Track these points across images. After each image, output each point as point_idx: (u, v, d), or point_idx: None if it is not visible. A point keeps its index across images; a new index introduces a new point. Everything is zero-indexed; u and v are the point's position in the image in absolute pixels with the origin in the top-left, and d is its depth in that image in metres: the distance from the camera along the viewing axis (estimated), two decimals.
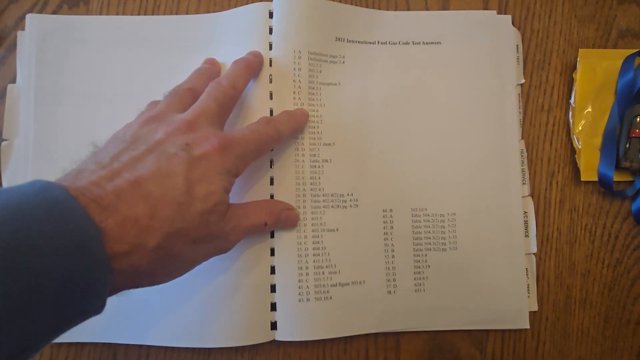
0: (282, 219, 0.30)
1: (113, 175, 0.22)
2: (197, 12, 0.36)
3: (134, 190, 0.21)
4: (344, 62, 0.34)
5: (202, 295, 0.31)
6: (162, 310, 0.31)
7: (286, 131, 0.30)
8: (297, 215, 0.31)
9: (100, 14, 0.35)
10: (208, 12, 0.35)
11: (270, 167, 0.32)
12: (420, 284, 0.33)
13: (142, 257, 0.21)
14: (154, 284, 0.23)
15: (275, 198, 0.32)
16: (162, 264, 0.22)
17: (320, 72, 0.33)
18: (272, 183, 0.32)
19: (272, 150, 0.32)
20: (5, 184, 0.33)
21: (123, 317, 0.31)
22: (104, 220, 0.20)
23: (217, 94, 0.28)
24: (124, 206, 0.21)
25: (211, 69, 0.32)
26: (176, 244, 0.23)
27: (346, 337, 0.33)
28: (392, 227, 0.33)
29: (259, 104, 0.32)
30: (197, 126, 0.26)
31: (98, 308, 0.20)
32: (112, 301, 0.31)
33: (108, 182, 0.21)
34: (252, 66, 0.31)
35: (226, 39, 0.34)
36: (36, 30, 0.34)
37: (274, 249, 0.31)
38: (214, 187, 0.24)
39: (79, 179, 0.21)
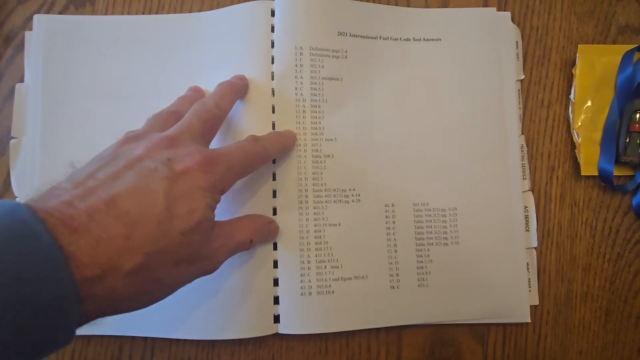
0: (264, 233, 0.30)
1: (87, 194, 0.20)
2: (200, 10, 0.36)
3: (108, 209, 0.20)
4: (346, 56, 0.34)
5: (206, 288, 0.31)
6: (166, 303, 0.31)
7: (274, 150, 0.30)
8: (278, 226, 0.31)
9: (106, 14, 0.36)
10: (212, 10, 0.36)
11: (273, 162, 0.32)
12: (424, 279, 0.33)
13: (117, 280, 0.20)
14: (134, 309, 0.22)
15: (277, 193, 0.32)
16: (140, 287, 0.21)
17: (323, 67, 0.33)
18: (274, 179, 0.32)
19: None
20: (13, 181, 0.34)
21: None
22: (73, 243, 0.18)
23: (200, 113, 0.27)
24: (96, 227, 0.19)
25: (195, 96, 0.32)
26: (156, 266, 0.21)
27: (348, 331, 0.33)
28: (394, 222, 0.33)
29: (262, 101, 0.33)
30: (179, 142, 0.25)
31: (67, 339, 0.19)
32: None
33: (81, 201, 0.20)
34: (237, 88, 0.31)
35: (229, 36, 0.34)
36: (43, 31, 0.35)
37: (276, 243, 0.32)
38: (196, 205, 0.23)
39: (50, 199, 0.20)
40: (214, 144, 0.30)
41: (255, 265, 0.31)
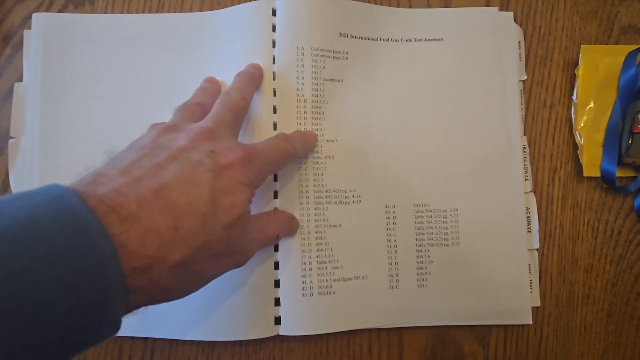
0: (288, 227, 0.31)
1: (135, 182, 0.20)
2: (200, 10, 0.36)
3: (157, 198, 0.20)
4: (347, 58, 0.34)
5: (207, 290, 0.31)
6: (167, 304, 0.31)
7: (301, 149, 0.30)
8: (298, 222, 0.32)
9: (105, 12, 0.36)
10: (212, 10, 0.36)
11: None
12: (423, 280, 0.33)
13: (162, 272, 0.20)
14: (171, 300, 0.22)
15: (278, 194, 0.32)
16: (182, 280, 0.21)
17: (324, 68, 0.33)
18: (275, 179, 0.32)
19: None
20: (12, 181, 0.33)
21: None
22: (124, 232, 0.18)
23: (230, 105, 0.28)
24: (146, 216, 0.19)
25: (212, 86, 0.32)
26: (199, 260, 0.21)
27: (349, 333, 0.33)
28: (394, 223, 0.33)
29: (263, 102, 0.32)
30: (218, 135, 0.25)
31: (112, 330, 0.19)
32: None
33: (130, 189, 0.20)
34: (255, 78, 0.31)
35: (230, 36, 0.34)
36: (42, 29, 0.35)
37: (277, 245, 0.32)
38: (237, 199, 0.23)
39: (98, 185, 0.20)
40: None
41: (256, 267, 0.31)
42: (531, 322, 0.33)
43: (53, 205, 0.17)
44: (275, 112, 0.32)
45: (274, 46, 0.33)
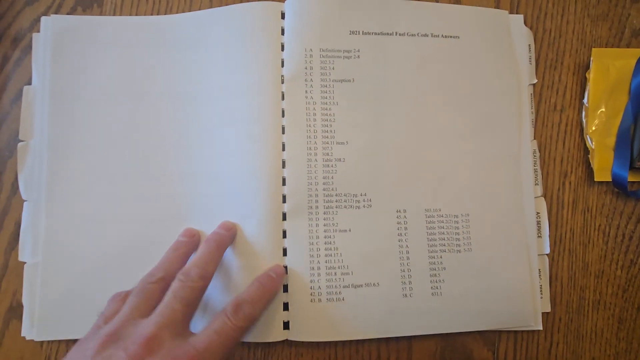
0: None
1: None
2: None
3: None
4: (359, 56, 0.34)
5: (215, 294, 0.31)
6: None
7: (258, 311, 0.28)
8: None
9: (114, 15, 0.36)
10: None
11: (283, 167, 0.32)
12: (437, 287, 0.32)
13: None
14: None
15: (287, 198, 0.32)
16: None
17: (333, 69, 0.33)
18: (284, 183, 0.32)
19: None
20: (21, 184, 0.33)
21: None
22: None
23: (183, 293, 0.26)
24: None
25: (189, 244, 0.31)
26: None
27: None
28: (406, 228, 0.33)
29: (271, 106, 0.32)
30: (162, 342, 0.24)
31: None
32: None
33: None
34: (224, 242, 0.30)
35: (240, 39, 0.34)
36: (51, 32, 0.35)
37: (286, 249, 0.32)
38: None
39: None
40: None
41: (264, 271, 0.31)
42: (541, 328, 0.33)
43: None
44: (283, 115, 0.32)
45: (282, 49, 0.33)
